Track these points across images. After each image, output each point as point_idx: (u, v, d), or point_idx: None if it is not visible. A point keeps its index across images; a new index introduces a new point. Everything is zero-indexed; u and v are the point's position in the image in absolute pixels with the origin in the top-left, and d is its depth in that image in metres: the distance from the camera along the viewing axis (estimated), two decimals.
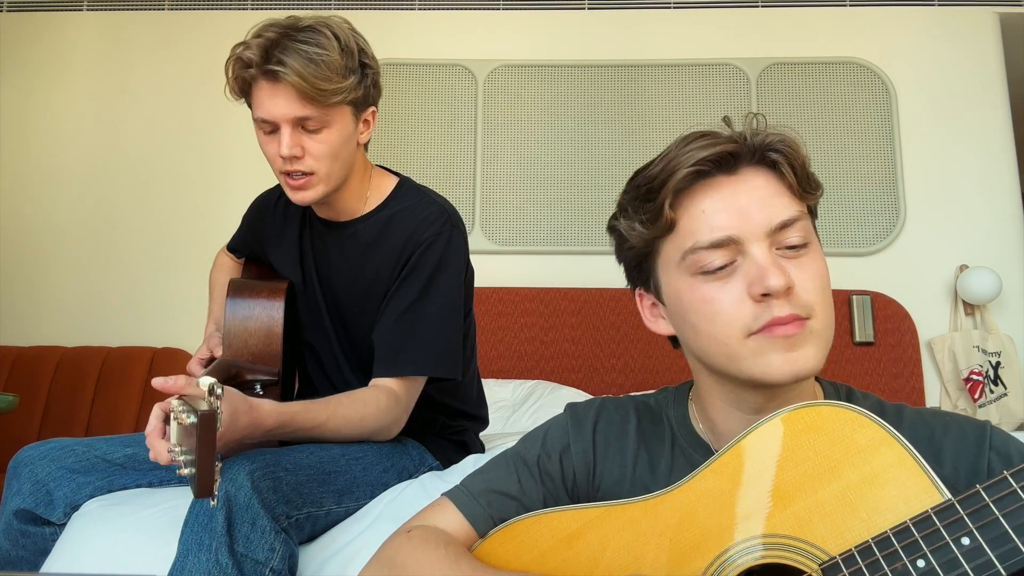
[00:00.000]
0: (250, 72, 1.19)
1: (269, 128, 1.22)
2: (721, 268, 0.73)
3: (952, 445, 0.75)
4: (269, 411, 1.04)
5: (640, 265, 0.83)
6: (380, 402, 1.20)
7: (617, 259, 0.88)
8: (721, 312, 0.73)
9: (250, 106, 1.25)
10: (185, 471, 0.83)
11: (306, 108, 1.18)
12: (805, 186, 0.75)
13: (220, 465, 0.84)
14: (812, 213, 0.79)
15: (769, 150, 0.75)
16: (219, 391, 0.84)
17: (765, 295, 0.70)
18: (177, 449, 0.86)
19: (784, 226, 0.73)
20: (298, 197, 1.26)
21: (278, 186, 1.49)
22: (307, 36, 1.16)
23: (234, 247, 1.57)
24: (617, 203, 0.84)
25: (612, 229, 0.85)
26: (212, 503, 0.85)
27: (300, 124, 1.20)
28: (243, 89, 1.23)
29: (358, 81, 1.22)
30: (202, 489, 0.81)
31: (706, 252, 0.73)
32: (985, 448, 0.74)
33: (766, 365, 0.71)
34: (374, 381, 1.24)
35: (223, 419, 0.91)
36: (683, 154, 0.75)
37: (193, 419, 0.81)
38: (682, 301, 0.77)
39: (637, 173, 0.82)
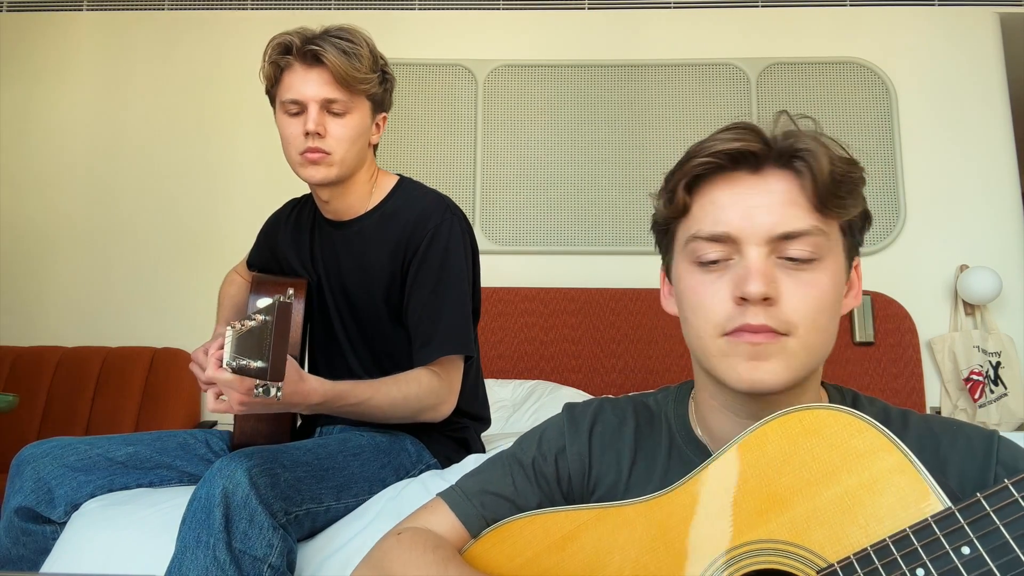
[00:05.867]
0: (286, 59, 1.30)
1: (296, 109, 1.31)
2: (714, 262, 0.72)
3: (958, 458, 0.73)
4: (316, 387, 1.10)
5: (661, 242, 0.82)
6: (422, 381, 1.26)
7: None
8: (703, 305, 0.73)
9: (272, 97, 1.35)
10: (254, 365, 0.87)
11: (337, 91, 1.29)
12: (827, 201, 0.71)
13: (290, 365, 0.88)
14: (848, 232, 0.75)
15: (794, 156, 0.71)
16: (290, 292, 0.87)
17: (744, 299, 0.69)
18: (237, 360, 0.90)
19: (788, 237, 0.70)
20: (310, 172, 1.33)
21: (288, 203, 1.56)
22: (341, 34, 1.31)
23: (251, 262, 1.61)
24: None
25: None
26: (278, 395, 0.88)
27: (327, 107, 1.30)
28: (274, 74, 1.33)
29: (380, 81, 1.35)
30: (275, 372, 0.85)
31: (704, 243, 0.73)
32: (992, 461, 0.72)
33: (729, 368, 0.71)
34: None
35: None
36: (710, 142, 0.73)
37: (264, 317, 0.85)
38: (680, 286, 0.77)
39: None
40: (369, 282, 1.38)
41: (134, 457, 1.27)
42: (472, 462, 1.27)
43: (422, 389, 1.26)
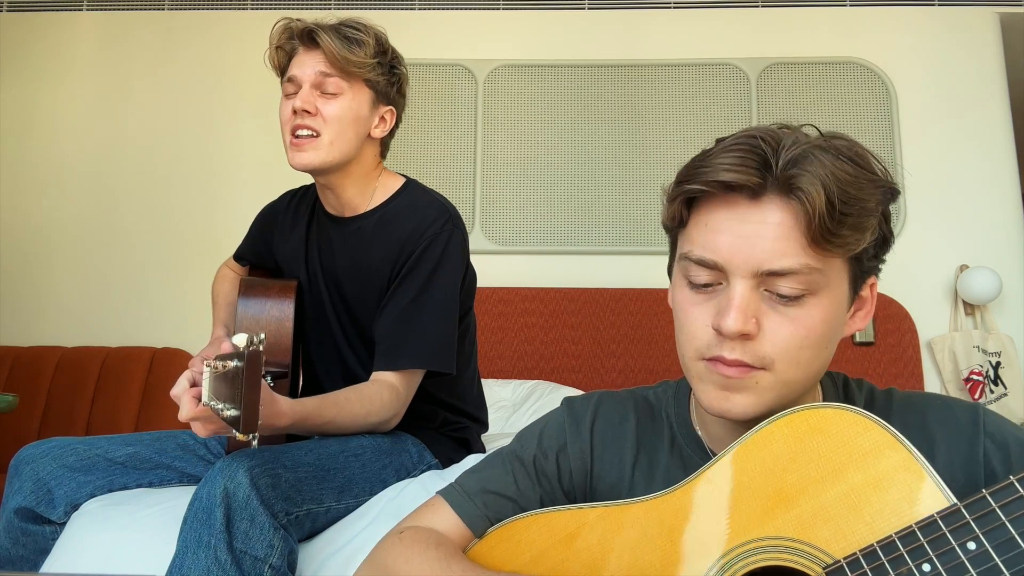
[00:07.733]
0: (292, 43, 1.33)
1: (291, 89, 1.33)
2: (705, 286, 0.71)
3: (945, 433, 0.73)
4: (286, 411, 1.06)
5: (670, 241, 0.80)
6: (383, 397, 1.24)
7: None
8: (687, 326, 0.72)
9: (283, 81, 1.37)
10: (227, 414, 0.85)
11: (330, 69, 1.30)
12: (821, 238, 0.66)
13: (263, 408, 0.86)
14: (856, 259, 0.71)
15: (796, 188, 0.66)
16: (262, 336, 0.85)
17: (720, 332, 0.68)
18: (213, 402, 0.88)
19: (776, 274, 0.67)
20: (299, 158, 1.31)
21: (286, 194, 1.54)
22: (349, 23, 1.33)
23: (241, 254, 1.59)
24: None
25: None
26: (253, 443, 0.86)
27: (320, 86, 1.31)
28: (280, 61, 1.36)
29: (384, 71, 1.36)
30: (247, 425, 0.82)
31: (694, 265, 0.71)
32: (980, 435, 0.72)
33: (702, 392, 0.72)
34: (375, 375, 1.27)
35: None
36: (712, 163, 0.69)
37: (237, 363, 0.84)
38: (672, 297, 0.77)
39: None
40: (364, 282, 1.36)
41: (134, 457, 1.26)
42: (472, 462, 1.27)
43: (384, 405, 1.23)
